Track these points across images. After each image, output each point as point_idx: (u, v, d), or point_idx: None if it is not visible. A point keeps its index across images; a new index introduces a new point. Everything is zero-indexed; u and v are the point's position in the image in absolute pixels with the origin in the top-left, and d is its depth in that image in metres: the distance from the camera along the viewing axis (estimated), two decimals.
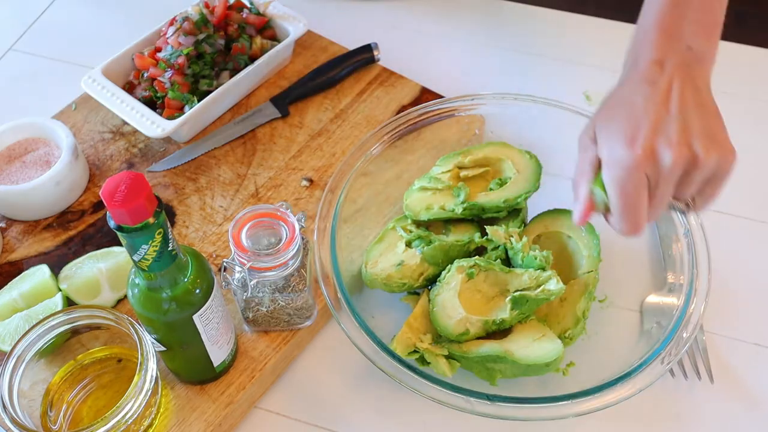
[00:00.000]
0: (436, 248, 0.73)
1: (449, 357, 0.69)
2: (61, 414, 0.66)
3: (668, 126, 0.56)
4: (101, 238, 0.81)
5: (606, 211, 0.61)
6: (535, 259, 0.70)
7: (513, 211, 0.76)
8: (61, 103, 0.93)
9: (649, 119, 0.57)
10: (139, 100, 0.87)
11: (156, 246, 0.54)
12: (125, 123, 0.90)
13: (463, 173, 0.78)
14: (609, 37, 0.96)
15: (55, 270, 0.76)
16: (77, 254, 0.79)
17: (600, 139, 0.59)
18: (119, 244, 0.79)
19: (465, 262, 0.71)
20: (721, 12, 0.62)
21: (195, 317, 0.61)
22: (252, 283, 0.65)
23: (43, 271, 0.75)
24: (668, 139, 0.56)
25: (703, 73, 0.60)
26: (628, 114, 0.58)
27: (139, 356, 0.61)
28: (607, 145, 0.58)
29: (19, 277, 0.76)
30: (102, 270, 0.75)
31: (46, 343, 0.64)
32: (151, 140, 0.89)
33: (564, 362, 0.71)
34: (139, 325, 0.63)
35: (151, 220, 0.52)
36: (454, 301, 0.69)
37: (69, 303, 0.74)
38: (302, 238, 0.67)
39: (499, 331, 0.70)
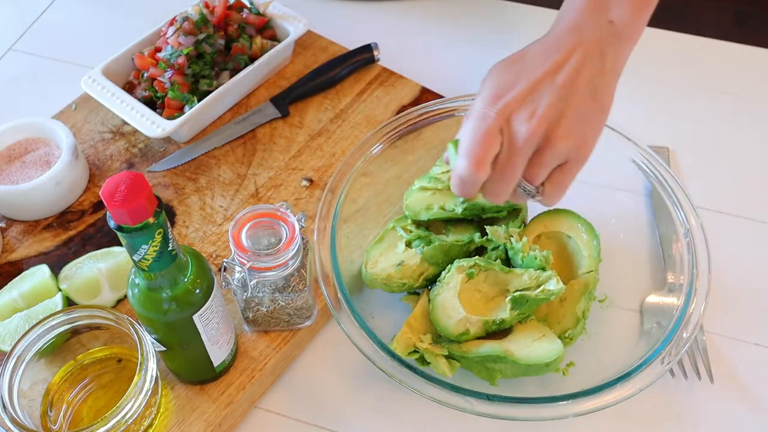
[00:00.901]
0: (436, 248, 0.73)
1: (449, 357, 0.69)
2: (61, 414, 0.66)
3: (541, 96, 0.53)
4: (101, 238, 0.81)
5: None
6: (535, 259, 0.70)
7: (513, 211, 0.76)
8: (61, 103, 0.93)
9: (527, 83, 0.53)
10: (139, 100, 0.87)
11: (156, 246, 0.54)
12: (125, 123, 0.90)
13: None
14: None
15: (55, 270, 0.76)
16: (77, 254, 0.79)
17: (480, 88, 0.56)
18: (119, 244, 0.79)
19: (465, 262, 0.71)
20: None
21: (195, 317, 0.61)
22: (252, 283, 0.65)
23: (43, 271, 0.75)
24: (533, 110, 0.52)
25: (618, 52, 0.55)
26: (514, 71, 0.54)
27: (139, 356, 0.61)
28: (480, 95, 0.55)
29: (19, 277, 0.76)
30: (102, 270, 0.75)
31: (46, 343, 0.64)
32: (151, 140, 0.89)
33: (564, 362, 0.71)
34: (139, 325, 0.63)
35: (151, 220, 0.52)
36: (454, 301, 0.69)
37: (69, 303, 0.74)
38: (302, 238, 0.67)
39: (499, 331, 0.70)
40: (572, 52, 0.54)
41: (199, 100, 0.86)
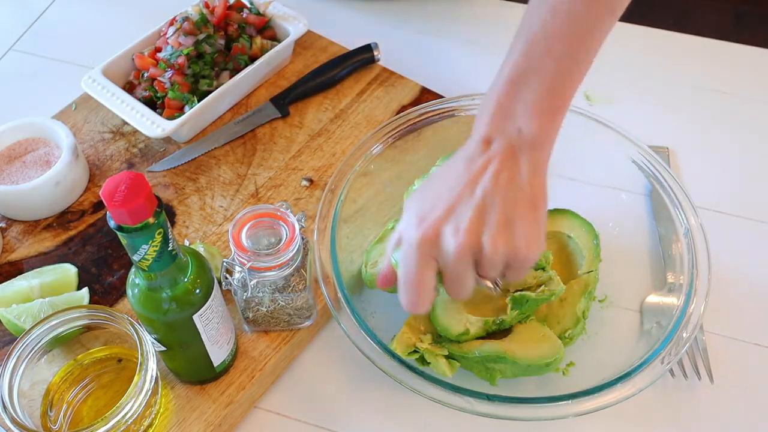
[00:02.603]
0: None
1: (449, 357, 0.69)
2: (61, 414, 0.66)
3: (464, 212, 0.54)
4: (101, 238, 0.81)
5: None
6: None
7: None
8: (61, 103, 0.93)
9: (448, 200, 0.55)
10: (139, 100, 0.87)
11: (156, 246, 0.54)
12: (125, 123, 0.90)
13: None
14: (608, 37, 0.96)
15: None
16: (77, 254, 0.79)
17: (404, 210, 0.58)
18: (120, 244, 0.79)
19: None
20: (567, 96, 0.58)
21: (195, 317, 0.61)
22: (252, 283, 0.65)
23: (67, 268, 0.77)
24: (456, 227, 0.54)
25: (534, 158, 0.56)
26: (434, 191, 0.56)
27: (139, 356, 0.61)
28: (404, 219, 0.57)
29: (37, 270, 0.77)
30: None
31: (63, 332, 0.64)
32: (151, 140, 0.89)
33: (564, 362, 0.71)
34: (139, 325, 0.63)
35: (151, 220, 0.52)
36: (454, 301, 0.69)
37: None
38: (302, 238, 0.67)
39: (499, 331, 0.70)
40: (487, 163, 0.55)
41: (199, 100, 0.86)
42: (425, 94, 0.93)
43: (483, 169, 0.55)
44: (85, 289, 0.75)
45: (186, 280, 0.60)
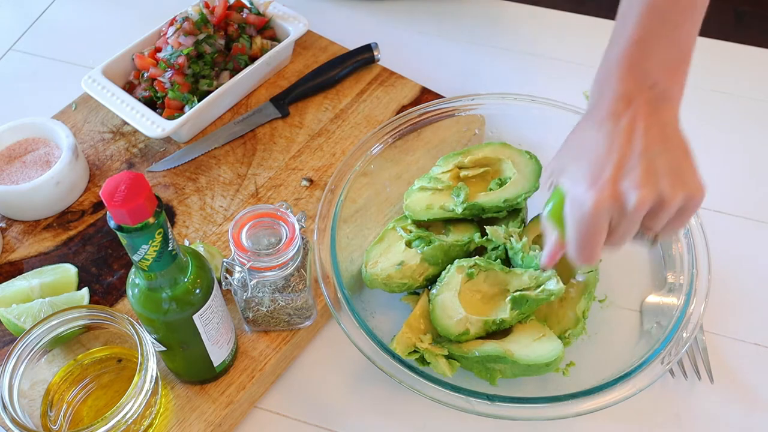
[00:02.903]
0: (436, 248, 0.73)
1: (449, 357, 0.69)
2: (61, 414, 0.66)
3: (632, 166, 0.56)
4: (101, 238, 0.81)
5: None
6: (535, 259, 0.70)
7: (513, 211, 0.76)
8: (61, 103, 0.93)
9: (613, 159, 0.56)
10: (139, 100, 0.87)
11: (156, 246, 0.54)
12: (125, 123, 0.90)
13: (463, 173, 0.78)
14: (608, 37, 0.96)
15: None
16: (77, 254, 0.79)
17: (564, 176, 0.59)
18: (120, 244, 0.79)
19: (465, 262, 0.71)
20: (689, 47, 0.60)
21: (195, 317, 0.61)
22: (252, 283, 0.65)
23: (66, 268, 0.77)
24: (633, 181, 0.55)
25: (670, 109, 0.59)
26: (592, 153, 0.57)
27: (139, 356, 0.61)
28: (570, 183, 0.58)
29: (37, 270, 0.77)
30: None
31: (63, 332, 0.64)
32: (151, 140, 0.89)
33: (564, 362, 0.71)
34: (139, 325, 0.63)
35: (151, 220, 0.52)
36: (454, 301, 0.69)
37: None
38: (302, 238, 0.67)
39: (499, 331, 0.70)
40: (634, 118, 0.57)
41: (199, 100, 0.86)
42: (425, 94, 0.93)
43: (633, 125, 0.57)
44: (85, 289, 0.75)
45: (186, 280, 0.60)
